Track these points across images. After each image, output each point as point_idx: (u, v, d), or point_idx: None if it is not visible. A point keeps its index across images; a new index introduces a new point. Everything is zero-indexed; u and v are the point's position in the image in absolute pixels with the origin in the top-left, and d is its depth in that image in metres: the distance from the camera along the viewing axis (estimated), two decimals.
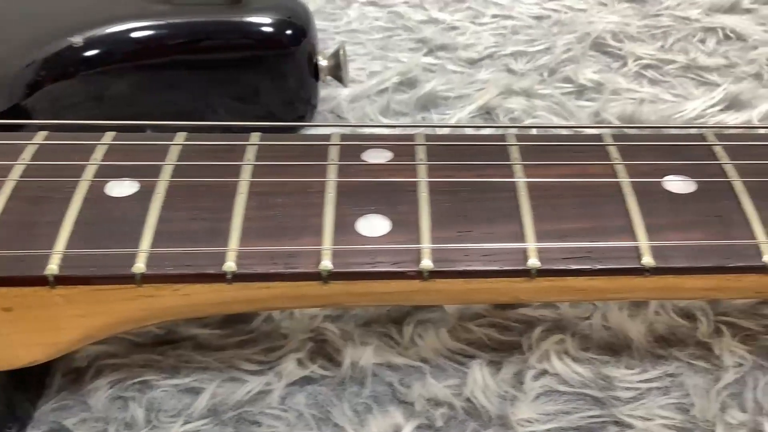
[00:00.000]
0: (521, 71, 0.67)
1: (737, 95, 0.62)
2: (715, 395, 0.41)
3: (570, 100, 0.63)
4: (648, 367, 0.43)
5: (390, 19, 0.75)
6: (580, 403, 0.41)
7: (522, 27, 0.73)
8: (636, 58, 0.67)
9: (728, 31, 0.70)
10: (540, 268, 0.36)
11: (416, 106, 0.63)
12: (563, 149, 0.41)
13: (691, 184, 0.39)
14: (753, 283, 0.36)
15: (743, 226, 0.37)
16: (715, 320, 0.45)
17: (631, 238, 0.36)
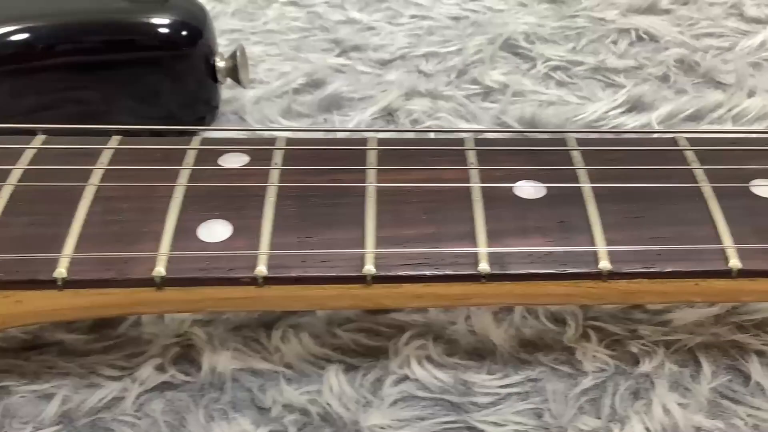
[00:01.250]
0: (430, 72, 0.66)
1: (640, 97, 0.62)
2: (572, 400, 0.41)
3: (476, 101, 0.63)
4: (510, 372, 0.43)
5: (309, 19, 0.75)
6: (437, 408, 0.41)
7: (438, 28, 0.73)
8: (545, 60, 0.67)
9: (641, 32, 0.70)
10: (375, 274, 0.35)
11: (319, 108, 0.62)
12: (422, 153, 0.41)
13: (541, 189, 0.39)
14: (591, 289, 0.36)
15: (585, 232, 0.37)
16: (585, 325, 0.45)
17: (472, 244, 0.36)
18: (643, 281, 0.36)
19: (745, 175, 0.39)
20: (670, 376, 0.42)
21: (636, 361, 0.43)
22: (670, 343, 0.44)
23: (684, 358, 0.43)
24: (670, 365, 0.42)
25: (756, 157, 0.40)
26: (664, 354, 0.43)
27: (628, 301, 0.43)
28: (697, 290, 0.36)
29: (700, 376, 0.42)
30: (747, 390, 0.41)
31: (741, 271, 0.35)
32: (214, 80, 0.59)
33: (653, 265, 0.36)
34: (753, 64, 0.66)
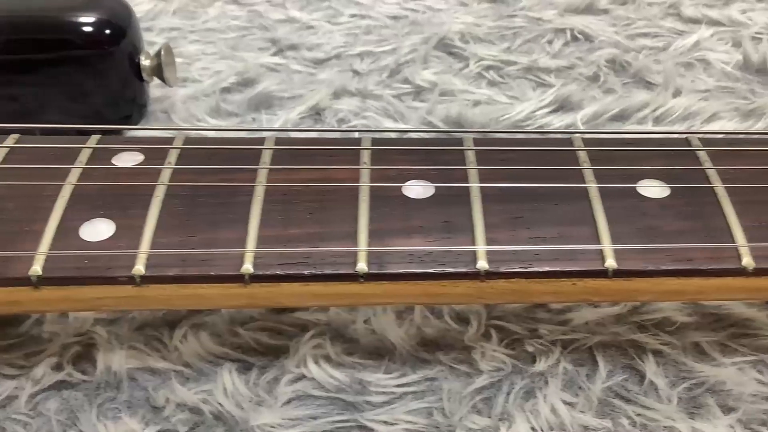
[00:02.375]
0: (364, 72, 0.66)
1: (567, 97, 0.62)
2: (467, 399, 0.41)
3: (406, 101, 0.63)
4: (408, 372, 0.43)
5: (249, 18, 0.75)
6: (331, 408, 0.41)
7: (376, 27, 0.73)
8: (478, 59, 0.67)
9: (577, 32, 0.70)
10: (253, 273, 0.35)
11: (248, 107, 0.62)
12: (317, 153, 0.41)
13: (430, 189, 0.39)
14: (470, 289, 0.36)
15: (467, 232, 0.37)
16: (487, 324, 0.45)
17: (352, 243, 0.36)
18: (520, 281, 0.36)
19: (634, 176, 0.40)
20: (564, 375, 0.42)
21: (533, 361, 0.43)
22: (568, 342, 0.44)
23: (581, 357, 0.43)
24: (566, 364, 0.43)
25: (647, 157, 0.41)
26: (561, 353, 0.43)
27: (524, 300, 0.43)
28: (575, 289, 0.36)
29: (595, 375, 0.42)
30: (641, 389, 0.42)
31: (617, 271, 0.36)
32: (140, 79, 0.59)
33: (531, 265, 0.36)
34: (685, 64, 0.66)
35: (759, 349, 0.43)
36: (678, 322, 0.44)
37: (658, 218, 0.37)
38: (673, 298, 0.42)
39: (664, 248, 0.36)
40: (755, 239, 0.36)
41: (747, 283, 0.36)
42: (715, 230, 0.37)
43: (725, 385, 0.41)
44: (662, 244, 0.36)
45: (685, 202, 0.38)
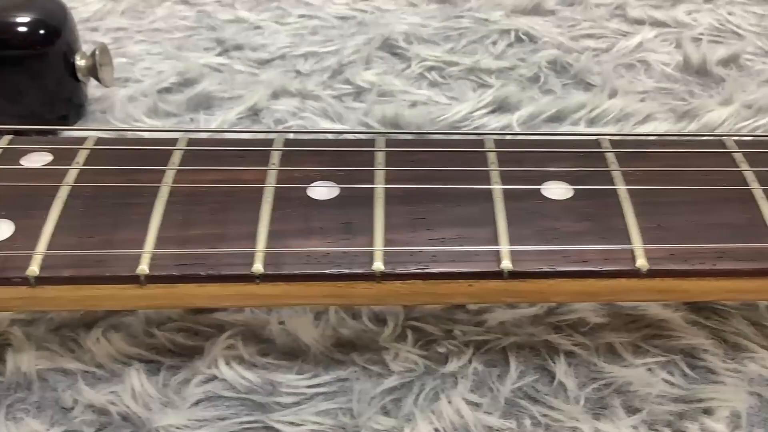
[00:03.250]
0: (306, 72, 0.67)
1: (505, 98, 0.62)
2: (376, 400, 0.41)
3: (347, 101, 0.63)
4: (321, 372, 0.43)
5: (197, 18, 0.75)
6: (240, 408, 0.41)
7: (323, 27, 0.73)
8: (421, 60, 0.67)
9: (521, 33, 0.70)
10: (148, 274, 0.35)
11: (187, 107, 0.62)
12: (227, 154, 0.41)
13: (335, 190, 0.39)
14: (367, 290, 0.36)
15: (366, 234, 0.37)
16: (404, 325, 0.45)
17: (251, 245, 0.36)
18: (416, 282, 0.36)
19: (539, 177, 0.40)
20: (475, 376, 0.42)
21: (446, 362, 0.43)
22: (482, 343, 0.44)
23: (494, 358, 0.43)
24: (477, 365, 0.43)
25: (556, 159, 0.41)
26: (474, 354, 0.43)
27: (421, 301, 0.42)
28: (471, 290, 0.36)
29: (506, 375, 0.42)
30: (550, 390, 0.42)
31: (512, 273, 0.36)
32: (76, 79, 0.59)
33: (427, 267, 0.36)
34: (627, 65, 0.66)
35: (671, 350, 0.43)
36: (592, 323, 0.45)
37: (559, 219, 0.38)
38: (570, 299, 0.42)
39: (560, 249, 0.36)
40: (651, 241, 0.36)
41: (641, 284, 0.36)
42: (613, 232, 0.37)
43: (632, 385, 0.41)
44: (559, 246, 0.36)
45: (587, 204, 0.38)
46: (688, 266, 0.36)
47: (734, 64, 0.65)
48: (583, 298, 0.42)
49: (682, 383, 0.42)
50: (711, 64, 0.64)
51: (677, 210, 0.38)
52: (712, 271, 0.36)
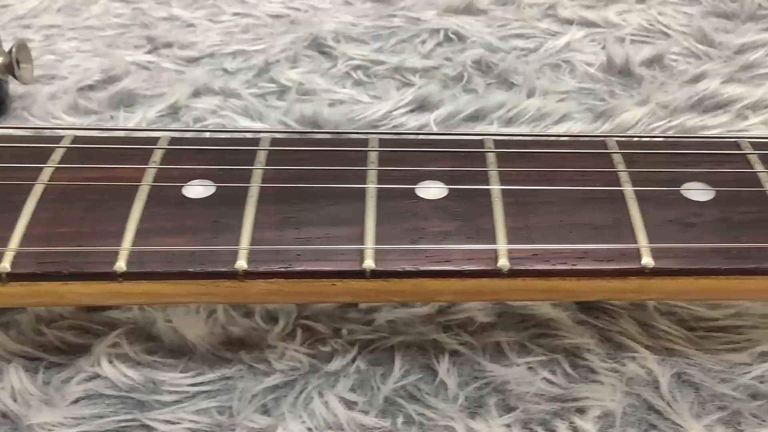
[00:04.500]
0: (233, 70, 0.67)
1: (426, 97, 0.62)
2: (258, 399, 0.41)
3: (270, 100, 0.63)
4: (206, 371, 0.43)
5: (132, 15, 0.74)
6: (119, 407, 0.41)
7: (255, 26, 0.73)
8: (347, 59, 0.67)
9: (451, 32, 0.70)
10: (10, 272, 0.36)
11: (109, 104, 0.62)
12: (111, 152, 0.41)
13: (211, 189, 0.39)
14: (231, 289, 0.36)
15: (234, 232, 0.37)
16: (295, 323, 0.45)
17: (117, 243, 0.37)
18: (279, 281, 0.36)
19: (416, 177, 0.40)
20: (357, 374, 0.42)
21: (331, 360, 0.43)
22: (370, 341, 0.44)
23: (381, 356, 0.43)
24: (361, 364, 0.43)
25: (436, 158, 0.41)
26: (359, 353, 0.43)
27: (290, 300, 0.43)
28: (335, 290, 0.36)
29: (390, 374, 0.42)
30: (431, 389, 0.42)
31: (375, 272, 0.36)
32: None
33: (291, 266, 0.36)
34: (552, 65, 0.66)
35: (555, 349, 0.43)
36: (479, 322, 0.45)
37: (428, 219, 0.38)
38: (433, 298, 0.42)
39: (425, 249, 0.37)
40: (516, 241, 0.37)
41: (504, 284, 0.36)
42: (480, 231, 0.37)
43: (510, 384, 0.42)
44: (425, 245, 0.37)
45: (459, 204, 0.38)
46: (549, 266, 0.36)
47: (658, 64, 0.65)
48: (452, 298, 0.42)
49: (562, 382, 0.42)
50: (634, 64, 0.64)
51: (547, 210, 0.38)
52: (572, 271, 0.36)
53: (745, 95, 0.61)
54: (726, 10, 0.71)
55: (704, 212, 0.38)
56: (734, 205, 0.38)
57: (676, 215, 0.38)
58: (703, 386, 0.41)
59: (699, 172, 0.40)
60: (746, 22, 0.71)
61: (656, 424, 0.40)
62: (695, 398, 0.41)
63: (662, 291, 0.37)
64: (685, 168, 0.40)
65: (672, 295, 0.40)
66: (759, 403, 0.41)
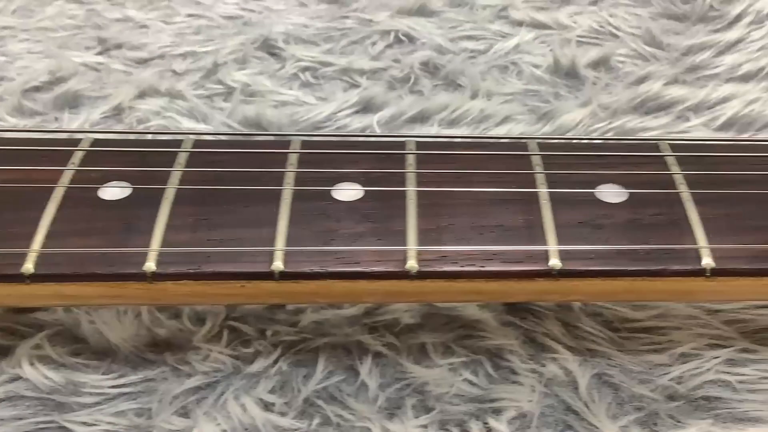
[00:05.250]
0: (181, 72, 0.67)
1: (371, 98, 0.62)
2: (179, 400, 0.41)
3: (217, 101, 0.63)
4: (128, 372, 0.43)
5: (86, 16, 0.74)
6: (39, 408, 0.41)
7: (208, 27, 0.73)
8: (296, 60, 0.67)
9: (401, 34, 0.70)
10: None
11: (54, 106, 0.62)
12: (32, 153, 0.41)
13: (127, 191, 0.39)
14: (140, 291, 0.36)
15: (145, 234, 0.37)
16: (222, 325, 0.45)
17: (27, 245, 0.37)
18: (189, 282, 0.36)
19: (334, 179, 0.40)
20: (279, 376, 0.42)
21: (254, 362, 0.43)
22: (294, 343, 0.44)
23: (305, 358, 0.44)
24: (284, 365, 0.43)
25: (357, 160, 0.41)
26: (282, 354, 0.43)
27: (202, 302, 0.43)
28: (245, 291, 0.36)
29: (313, 376, 0.43)
30: (352, 390, 0.42)
31: (283, 273, 0.36)
32: None
33: (200, 267, 0.36)
34: (501, 67, 0.67)
35: (478, 350, 0.44)
36: (405, 324, 0.45)
37: (341, 221, 0.38)
38: (359, 299, 0.42)
39: (334, 251, 0.37)
40: (426, 243, 0.37)
41: (413, 286, 0.36)
42: (391, 233, 0.37)
43: (430, 385, 0.42)
44: (335, 247, 0.37)
45: (373, 206, 0.39)
46: (457, 268, 0.36)
47: (604, 66, 0.65)
48: (376, 299, 0.42)
49: (483, 383, 0.42)
50: (580, 66, 0.65)
51: (460, 212, 0.38)
52: (480, 272, 0.36)
53: (688, 97, 0.61)
54: (677, 11, 0.72)
55: (615, 214, 0.38)
56: (646, 207, 0.38)
57: (587, 217, 0.38)
58: (623, 387, 0.42)
59: (615, 174, 0.40)
60: (697, 23, 0.71)
61: (573, 424, 0.40)
62: (614, 399, 0.41)
63: (577, 292, 0.38)
64: (601, 170, 0.40)
65: (590, 296, 0.40)
66: (676, 404, 0.41)
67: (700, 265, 0.36)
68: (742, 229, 0.37)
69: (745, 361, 0.42)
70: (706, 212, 0.38)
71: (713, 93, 0.61)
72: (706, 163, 0.40)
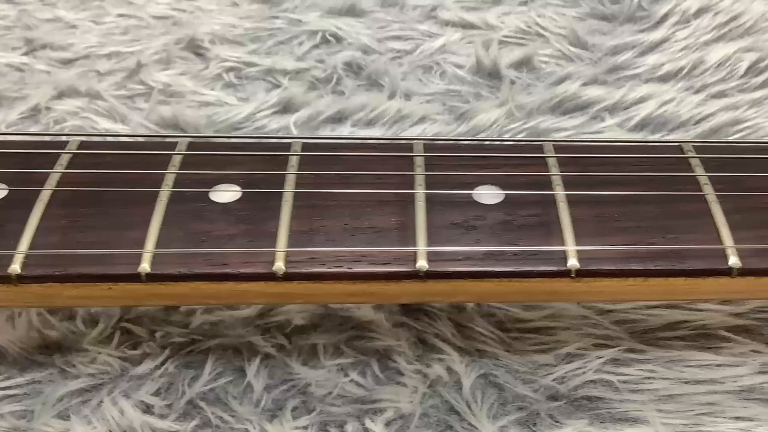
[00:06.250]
0: (105, 72, 0.66)
1: (290, 99, 0.62)
2: (63, 403, 0.41)
3: (139, 102, 0.63)
4: (15, 375, 0.43)
5: (17, 17, 0.74)
6: None
7: (137, 27, 0.72)
8: (221, 61, 0.67)
9: (329, 34, 0.70)
10: None
11: None
12: None
13: (3, 192, 0.39)
14: (8, 293, 0.36)
15: (15, 237, 0.37)
16: (114, 326, 0.45)
17: None
18: (54, 285, 0.36)
19: (213, 180, 0.40)
20: (165, 378, 0.42)
21: (141, 363, 0.43)
22: (185, 344, 0.44)
23: (195, 359, 0.44)
24: (171, 367, 0.43)
25: (240, 162, 0.41)
26: (170, 356, 0.43)
27: (81, 304, 0.43)
28: (112, 293, 0.36)
29: (200, 377, 0.43)
30: (238, 392, 0.42)
31: (150, 275, 0.36)
32: None
33: (65, 270, 0.36)
34: (425, 67, 0.67)
35: (367, 351, 0.44)
36: (297, 325, 0.45)
37: (215, 223, 0.38)
38: (246, 300, 0.42)
39: (204, 252, 0.37)
40: (296, 244, 0.37)
41: (282, 287, 0.36)
42: (263, 235, 0.37)
43: (313, 387, 0.42)
44: (205, 249, 0.37)
45: (249, 207, 0.39)
46: (325, 269, 0.36)
47: (527, 66, 0.65)
48: (264, 300, 0.42)
49: (370, 384, 0.42)
50: (502, 66, 0.65)
51: (335, 214, 0.38)
52: (348, 274, 0.36)
53: (605, 97, 0.61)
54: (605, 12, 0.72)
55: (488, 215, 0.38)
56: (520, 208, 0.38)
57: (460, 218, 0.38)
58: (507, 387, 0.42)
59: (494, 175, 0.40)
60: (624, 23, 0.71)
61: (453, 425, 0.40)
62: (497, 399, 0.41)
63: (463, 293, 0.38)
64: (482, 171, 0.40)
65: (476, 296, 0.40)
66: (557, 404, 0.41)
67: (565, 266, 0.36)
68: (610, 230, 0.37)
69: (630, 361, 0.43)
70: (578, 213, 0.38)
71: (630, 93, 0.61)
72: (585, 164, 0.40)
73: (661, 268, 0.36)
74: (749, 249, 0.36)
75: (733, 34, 0.67)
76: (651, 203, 0.38)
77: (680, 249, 0.36)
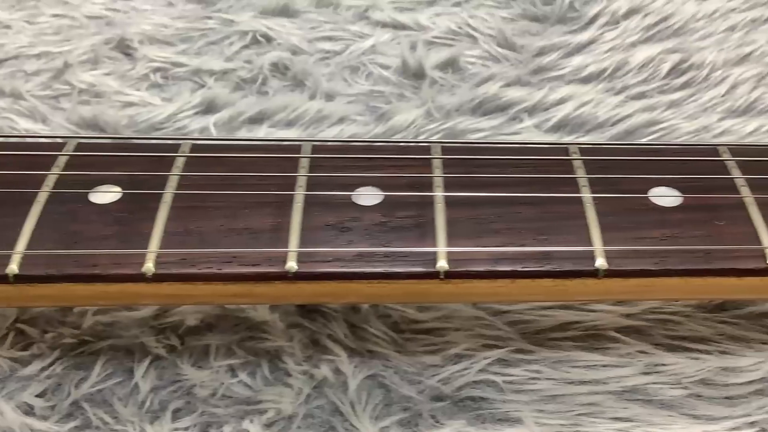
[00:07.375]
0: (32, 72, 0.66)
1: (213, 99, 0.62)
2: None
3: (64, 102, 0.63)
4: None
5: None
6: None
7: (69, 27, 0.72)
8: (149, 61, 0.67)
9: (259, 35, 0.70)
10: None
11: None
12: None
13: None
14: None
15: None
16: (10, 327, 0.45)
17: None
18: None
19: (96, 181, 0.40)
20: (51, 379, 0.42)
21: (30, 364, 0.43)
22: (76, 345, 0.44)
23: (85, 360, 0.44)
24: (59, 368, 0.43)
25: (122, 162, 0.41)
26: (59, 357, 0.43)
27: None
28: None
29: (88, 379, 0.43)
30: (125, 393, 0.42)
31: (17, 276, 0.36)
32: None
33: None
34: (352, 67, 0.67)
35: (259, 352, 0.44)
36: (190, 326, 0.45)
37: (90, 224, 0.38)
38: (135, 301, 0.42)
39: (74, 254, 0.37)
40: (168, 245, 0.37)
41: (146, 289, 0.36)
42: (136, 236, 0.37)
43: (198, 387, 0.42)
44: (75, 250, 0.37)
45: (127, 209, 0.39)
46: (196, 270, 0.36)
47: (452, 67, 0.65)
48: (153, 301, 0.43)
49: (258, 385, 0.42)
50: (427, 67, 0.65)
51: (213, 215, 0.38)
52: (217, 275, 0.36)
53: (525, 98, 0.61)
54: (537, 13, 0.72)
55: (364, 216, 0.38)
56: (397, 210, 0.38)
57: (335, 220, 0.38)
58: (393, 388, 0.42)
59: (377, 177, 0.40)
60: (555, 24, 0.71)
61: (336, 426, 0.40)
62: (383, 400, 0.42)
63: (353, 294, 0.38)
64: (365, 173, 0.40)
65: (363, 298, 0.40)
66: (440, 405, 0.41)
67: (434, 267, 0.36)
68: (485, 232, 0.37)
69: (518, 361, 0.43)
70: (454, 215, 0.38)
71: (551, 94, 0.61)
72: (470, 165, 0.40)
73: (527, 270, 0.36)
74: (618, 251, 0.36)
75: (661, 35, 0.67)
76: (529, 204, 0.39)
77: (549, 251, 0.37)
